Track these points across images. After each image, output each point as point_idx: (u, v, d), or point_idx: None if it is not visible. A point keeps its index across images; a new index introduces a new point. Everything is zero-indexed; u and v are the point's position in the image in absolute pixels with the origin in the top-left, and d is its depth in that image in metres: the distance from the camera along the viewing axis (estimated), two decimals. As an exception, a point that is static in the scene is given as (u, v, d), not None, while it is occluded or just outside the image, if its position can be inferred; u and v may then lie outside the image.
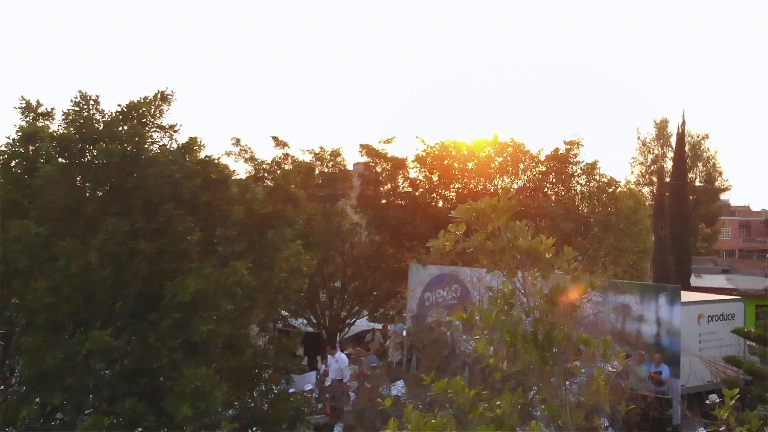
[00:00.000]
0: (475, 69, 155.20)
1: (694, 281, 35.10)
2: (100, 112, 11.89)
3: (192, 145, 11.83)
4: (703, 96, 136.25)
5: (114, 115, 12.20)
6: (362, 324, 31.85)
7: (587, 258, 26.95)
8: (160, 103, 12.67)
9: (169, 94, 12.74)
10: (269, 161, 28.86)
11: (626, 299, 20.91)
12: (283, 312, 30.10)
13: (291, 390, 23.55)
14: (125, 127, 11.66)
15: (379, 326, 31.33)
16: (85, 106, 11.72)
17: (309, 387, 23.51)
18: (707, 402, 19.58)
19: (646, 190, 56.22)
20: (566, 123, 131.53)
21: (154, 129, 12.68)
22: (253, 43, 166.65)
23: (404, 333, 26.79)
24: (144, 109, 12.51)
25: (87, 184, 11.25)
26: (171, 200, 11.07)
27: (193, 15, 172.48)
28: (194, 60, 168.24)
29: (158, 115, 12.67)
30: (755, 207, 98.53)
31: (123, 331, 10.78)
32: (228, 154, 28.84)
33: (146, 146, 12.00)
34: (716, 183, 58.93)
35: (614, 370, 18.74)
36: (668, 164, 58.59)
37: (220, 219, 11.98)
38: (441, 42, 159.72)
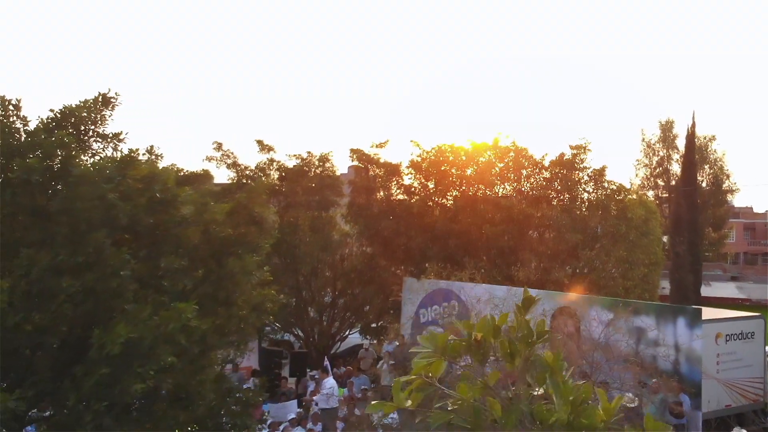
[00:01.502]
0: (474, 69, 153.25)
1: (704, 290, 33.29)
2: (21, 120, 9.90)
3: (132, 158, 9.84)
4: (708, 97, 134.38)
5: (44, 122, 10.24)
6: (355, 338, 29.96)
7: (595, 272, 25.03)
8: (102, 107, 10.71)
9: (113, 97, 10.77)
10: (253, 167, 27.04)
11: (641, 321, 19.03)
12: (266, 328, 28.27)
13: (270, 422, 21.72)
14: (53, 138, 9.66)
15: (373, 341, 29.50)
16: (3, 113, 9.72)
17: (291, 417, 21.58)
18: (732, 436, 17.73)
19: (651, 193, 54.41)
20: (569, 125, 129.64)
21: (94, 138, 10.73)
22: (238, 40, 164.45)
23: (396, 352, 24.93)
24: (84, 114, 10.56)
25: (1, 208, 9.23)
26: (103, 226, 9.09)
27: (177, 13, 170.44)
28: (174, 58, 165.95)
29: (100, 122, 10.72)
30: (758, 208, 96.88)
31: (39, 390, 8.76)
32: (209, 159, 27.03)
33: (80, 160, 10.04)
34: (723, 186, 57.06)
35: (630, 404, 16.63)
36: (674, 167, 56.84)
37: (167, 246, 9.99)
38: (438, 41, 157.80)
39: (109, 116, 10.72)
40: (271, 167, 26.93)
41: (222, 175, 28.14)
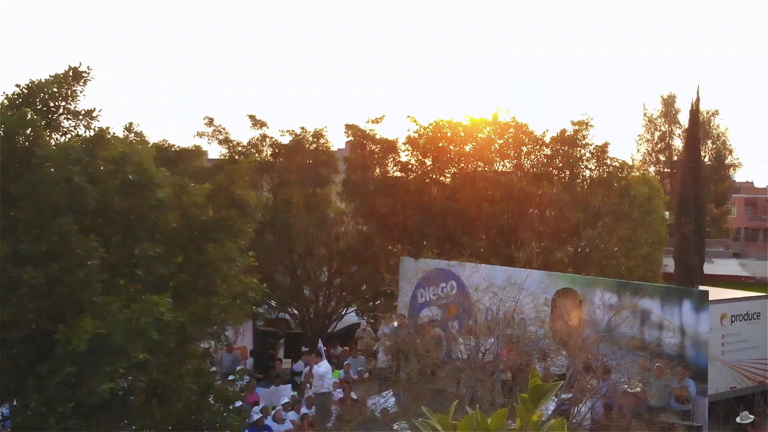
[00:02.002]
0: (472, 45, 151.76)
1: (706, 268, 32.65)
2: (-18, 96, 9.17)
3: (102, 137, 9.11)
4: (708, 72, 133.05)
5: (9, 98, 9.51)
6: (352, 317, 29.36)
7: (597, 251, 24.37)
8: (73, 82, 9.97)
9: (84, 71, 10.02)
10: (245, 143, 26.30)
11: (645, 303, 18.37)
12: (260, 309, 27.62)
13: (261, 406, 21.14)
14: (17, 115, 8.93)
15: (370, 321, 28.90)
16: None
17: (285, 400, 21.01)
18: (739, 420, 17.12)
19: (652, 169, 53.77)
20: (569, 100, 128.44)
21: (65, 116, 10.00)
22: (230, 14, 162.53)
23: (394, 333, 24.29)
24: (54, 89, 9.82)
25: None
26: (70, 212, 8.39)
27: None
28: (166, 33, 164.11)
29: (71, 98, 9.98)
30: (759, 183, 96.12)
31: (1, 390, 8.09)
32: (200, 135, 26.28)
33: (49, 139, 9.32)
34: (726, 161, 56.39)
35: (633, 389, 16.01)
36: (676, 142, 56.21)
37: (142, 232, 9.30)
38: (435, 13, 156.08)
39: (81, 92, 9.99)
40: (264, 143, 26.17)
41: (214, 152, 27.29)
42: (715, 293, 21.68)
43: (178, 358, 9.14)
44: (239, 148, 26.10)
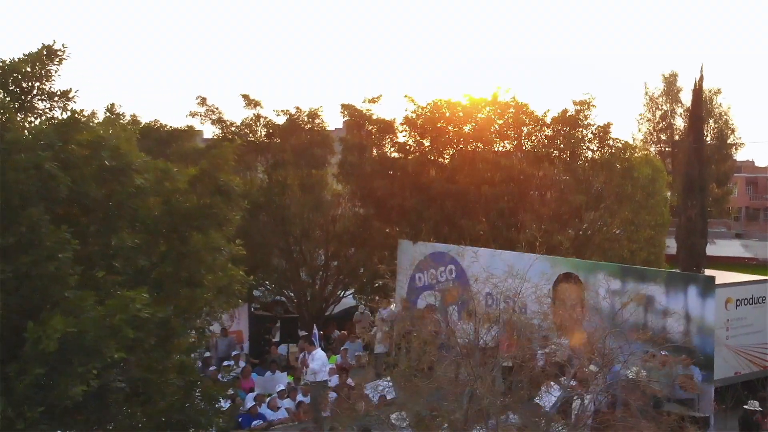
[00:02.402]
0: (471, 22, 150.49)
1: (709, 249, 32.06)
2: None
3: (76, 120, 8.53)
4: (709, 50, 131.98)
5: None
6: (349, 301, 28.89)
7: (599, 234, 23.83)
8: (47, 61, 9.36)
9: (59, 50, 9.41)
10: (239, 123, 25.72)
11: (650, 289, 17.84)
12: (256, 292, 27.11)
13: (256, 393, 20.67)
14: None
15: (368, 305, 28.44)
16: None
17: (281, 388, 20.55)
18: (746, 407, 16.66)
19: (653, 148, 53.24)
20: (570, 81, 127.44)
21: (39, 97, 9.41)
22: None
23: (391, 319, 23.86)
24: (26, 69, 9.22)
25: None
26: (41, 200, 7.83)
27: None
28: (159, 10, 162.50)
29: (45, 78, 9.38)
30: (759, 162, 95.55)
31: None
32: (193, 114, 25.69)
33: (22, 122, 8.75)
34: (728, 140, 55.80)
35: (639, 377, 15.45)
36: (677, 121, 55.69)
37: (121, 221, 8.74)
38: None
39: (56, 71, 9.38)
40: (258, 123, 25.56)
41: (210, 132, 26.70)
42: (719, 277, 21.19)
43: (159, 355, 8.60)
44: (233, 129, 25.50)
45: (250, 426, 18.97)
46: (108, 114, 10.61)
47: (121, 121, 10.71)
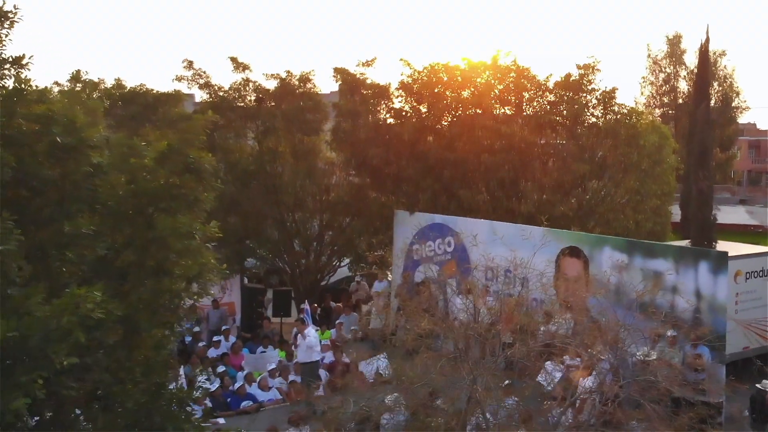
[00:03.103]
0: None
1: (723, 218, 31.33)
2: None
3: (21, 91, 7.52)
4: (716, 10, 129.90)
5: None
6: (344, 271, 28.06)
7: (603, 204, 22.88)
8: (-5, 24, 8.32)
9: (10, 12, 8.36)
10: (227, 88, 24.66)
11: (658, 265, 16.97)
12: (248, 261, 26.23)
13: (246, 372, 19.82)
14: None
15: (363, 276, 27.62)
16: None
17: (272, 366, 19.74)
18: (758, 386, 15.85)
19: (657, 112, 52.16)
20: (573, 44, 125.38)
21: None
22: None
23: (392, 294, 23.08)
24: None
25: None
26: (-20, 184, 6.86)
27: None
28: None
29: (-6, 43, 8.34)
30: (762, 125, 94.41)
31: None
32: (179, 79, 24.64)
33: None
34: (733, 103, 54.67)
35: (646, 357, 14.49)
36: (681, 84, 54.62)
37: (77, 204, 7.78)
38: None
39: (6, 36, 8.33)
40: (247, 88, 24.51)
41: (200, 97, 25.67)
42: (728, 248, 20.33)
43: (123, 355, 7.69)
44: (221, 93, 24.46)
45: (239, 407, 18.20)
46: (72, 82, 9.58)
47: (88, 90, 9.70)
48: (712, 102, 51.39)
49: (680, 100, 53.41)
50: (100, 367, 7.45)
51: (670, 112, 53.53)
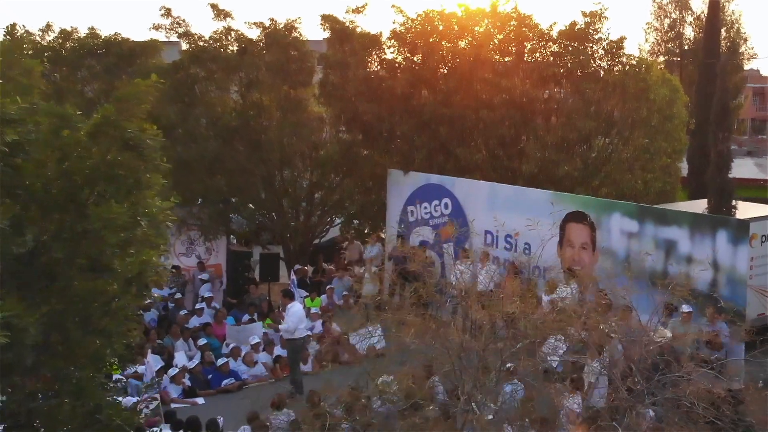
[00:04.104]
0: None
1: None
2: None
3: None
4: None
5: None
6: (336, 232, 26.71)
7: (610, 163, 21.44)
8: None
9: None
10: (207, 37, 22.99)
11: (672, 233, 15.63)
12: (233, 217, 24.85)
13: (231, 345, 18.54)
14: None
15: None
16: None
17: (256, 340, 18.48)
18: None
19: (661, 59, 50.28)
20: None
21: None
22: None
23: (388, 259, 21.79)
24: None
25: None
26: None
27: None
28: None
29: None
30: (766, 71, 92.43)
31: None
32: (156, 27, 22.99)
33: None
34: (740, 50, 52.66)
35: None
36: (687, 30, 52.75)
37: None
38: None
39: None
40: (229, 37, 22.82)
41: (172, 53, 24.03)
42: (741, 209, 18.95)
43: (49, 373, 6.34)
44: (201, 43, 22.79)
45: (221, 385, 16.97)
46: (8, 37, 8.08)
47: (26, 45, 8.20)
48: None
49: (686, 47, 51.51)
50: (18, 392, 6.09)
51: (676, 59, 51.66)
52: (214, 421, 13.42)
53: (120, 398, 14.21)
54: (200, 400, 16.42)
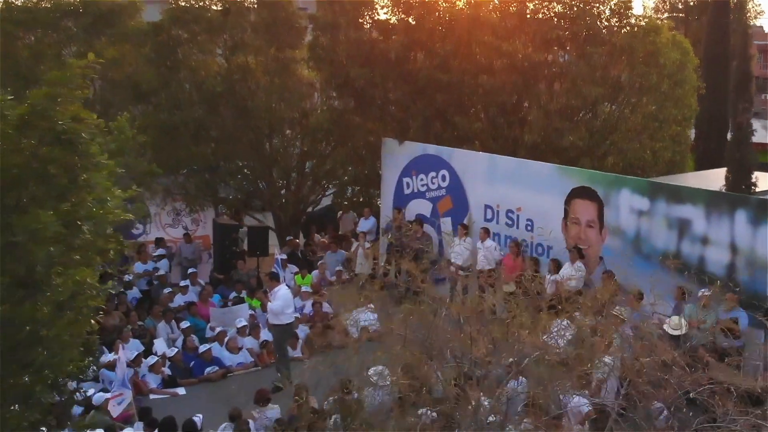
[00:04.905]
0: None
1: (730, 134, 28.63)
2: None
3: None
4: None
5: None
6: (329, 201, 25.54)
7: (617, 132, 20.23)
8: None
9: None
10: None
11: (686, 212, 14.49)
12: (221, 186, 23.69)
13: (217, 329, 17.41)
14: None
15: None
16: None
17: (242, 323, 17.41)
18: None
19: (666, 16, 48.69)
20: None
21: None
22: None
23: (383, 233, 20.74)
24: None
25: None
26: None
27: None
28: None
29: None
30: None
31: None
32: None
33: None
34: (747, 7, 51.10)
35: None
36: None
37: None
38: None
39: None
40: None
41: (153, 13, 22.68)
42: (760, 185, 17.83)
43: None
44: (183, 3, 21.44)
45: (204, 373, 15.92)
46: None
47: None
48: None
49: (691, 2, 49.89)
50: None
51: (680, 16, 50.05)
52: (190, 421, 12.38)
53: (91, 391, 13.50)
54: (181, 391, 15.39)
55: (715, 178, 19.79)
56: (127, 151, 18.86)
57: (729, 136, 20.09)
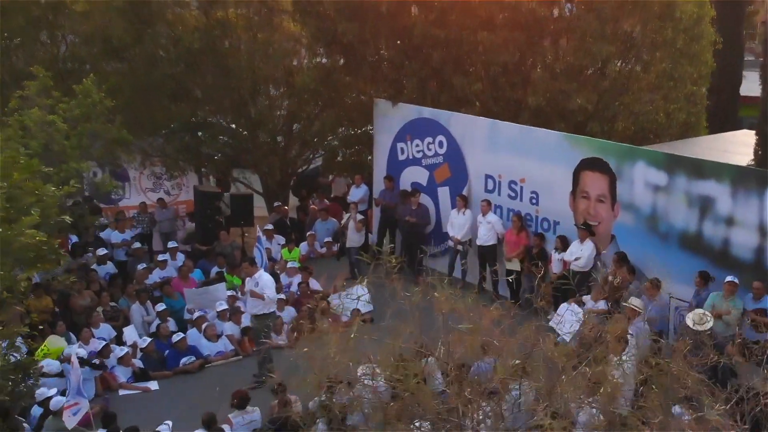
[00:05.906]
0: None
1: (743, 89, 27.10)
2: None
3: None
4: None
5: None
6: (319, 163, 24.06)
7: (628, 93, 18.72)
8: None
9: None
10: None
11: (708, 188, 13.06)
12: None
13: (196, 313, 16.06)
14: None
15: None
16: None
17: (222, 306, 16.08)
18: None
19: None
20: None
21: None
22: None
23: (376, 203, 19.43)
24: None
25: None
26: None
27: None
28: None
29: None
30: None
31: None
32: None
33: None
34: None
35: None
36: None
37: None
38: None
39: None
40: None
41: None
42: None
43: None
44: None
45: (179, 365, 14.61)
46: None
47: None
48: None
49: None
50: None
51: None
52: (157, 436, 11.10)
53: (53, 390, 12.26)
54: (153, 385, 14.10)
55: (734, 141, 18.35)
56: (94, 117, 17.76)
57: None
